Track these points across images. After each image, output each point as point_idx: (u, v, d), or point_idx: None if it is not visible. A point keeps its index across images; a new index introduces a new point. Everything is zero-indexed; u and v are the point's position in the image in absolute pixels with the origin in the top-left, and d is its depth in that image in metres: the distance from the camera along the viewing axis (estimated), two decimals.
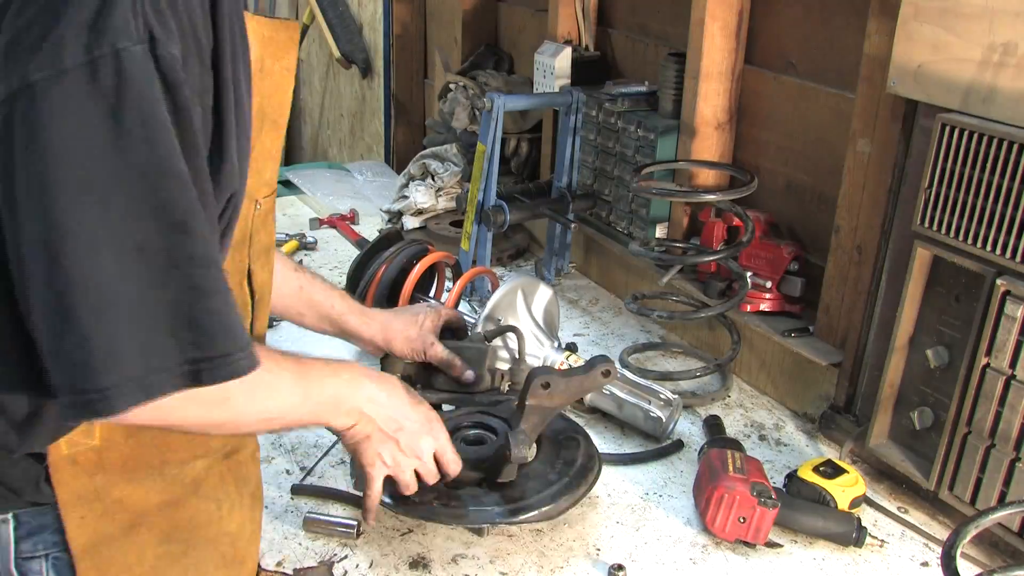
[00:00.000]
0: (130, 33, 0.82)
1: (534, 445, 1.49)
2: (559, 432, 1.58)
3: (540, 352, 1.82)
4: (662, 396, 1.75)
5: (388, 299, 1.91)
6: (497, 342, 1.71)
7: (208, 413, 0.99)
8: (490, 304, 1.76)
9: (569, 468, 1.49)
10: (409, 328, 1.61)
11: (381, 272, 1.90)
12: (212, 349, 0.88)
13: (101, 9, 0.81)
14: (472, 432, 1.55)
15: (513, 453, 1.37)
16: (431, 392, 1.62)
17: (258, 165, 1.07)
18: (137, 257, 0.84)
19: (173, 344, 0.87)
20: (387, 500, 1.45)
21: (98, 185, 0.83)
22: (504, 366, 1.69)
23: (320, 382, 1.18)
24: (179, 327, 0.87)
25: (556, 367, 1.78)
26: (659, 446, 1.73)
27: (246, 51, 0.99)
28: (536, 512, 1.39)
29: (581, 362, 1.79)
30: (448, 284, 2.11)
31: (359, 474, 1.40)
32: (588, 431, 1.62)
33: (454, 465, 1.37)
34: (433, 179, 2.72)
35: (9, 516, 0.99)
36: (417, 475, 1.34)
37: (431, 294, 2.03)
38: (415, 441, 1.31)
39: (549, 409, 1.46)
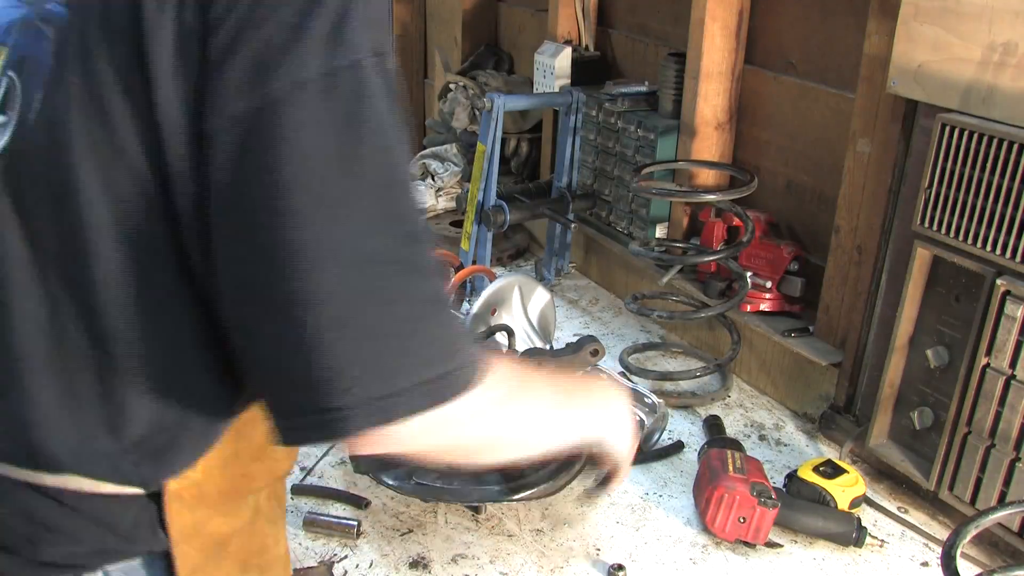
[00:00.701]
0: (365, 46, 0.82)
1: None
2: None
3: None
4: (648, 400, 1.72)
5: None
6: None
7: (490, 424, 0.93)
8: (487, 292, 1.76)
9: None
10: None
11: None
12: (449, 363, 0.84)
13: (338, 24, 0.81)
14: None
15: None
16: None
17: None
18: (374, 272, 0.81)
19: (412, 362, 0.83)
20: (389, 481, 1.46)
21: (338, 197, 0.80)
22: None
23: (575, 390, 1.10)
24: (418, 344, 0.83)
25: None
26: (659, 446, 1.73)
27: None
28: (536, 489, 1.40)
29: None
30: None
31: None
32: None
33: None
34: (433, 179, 2.72)
35: (99, 573, 0.93)
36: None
37: None
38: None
39: None
